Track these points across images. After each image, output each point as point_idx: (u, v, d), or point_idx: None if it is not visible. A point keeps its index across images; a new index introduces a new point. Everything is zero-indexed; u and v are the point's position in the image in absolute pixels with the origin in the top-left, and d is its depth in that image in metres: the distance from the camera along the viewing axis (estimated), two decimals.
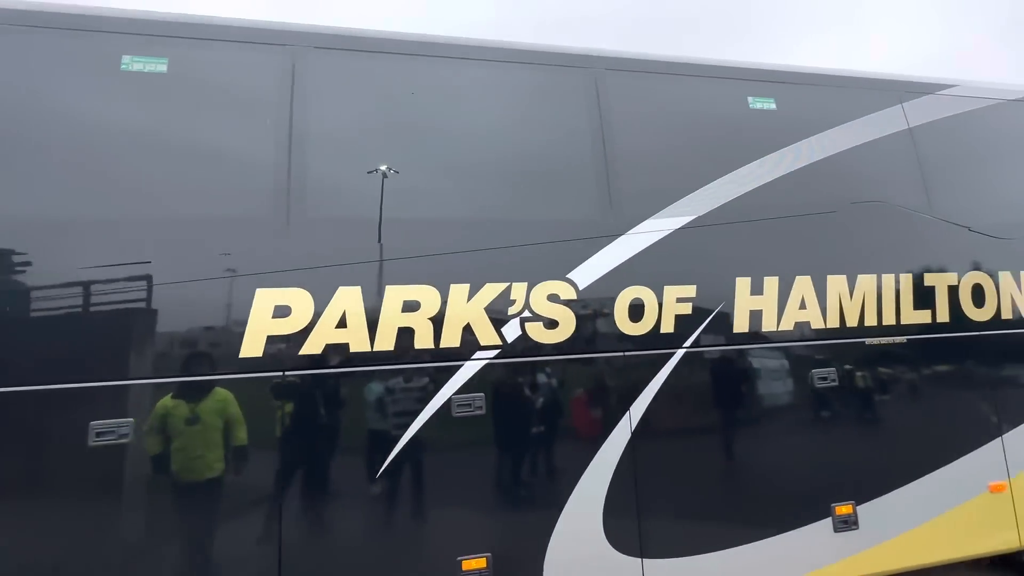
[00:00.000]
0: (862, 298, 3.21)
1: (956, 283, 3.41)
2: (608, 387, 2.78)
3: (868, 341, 3.17)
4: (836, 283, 3.18)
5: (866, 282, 3.24)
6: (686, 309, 2.92)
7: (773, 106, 3.41)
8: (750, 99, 3.38)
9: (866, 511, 2.97)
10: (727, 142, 3.28)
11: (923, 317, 3.30)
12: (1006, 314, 3.46)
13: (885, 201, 3.42)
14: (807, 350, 3.08)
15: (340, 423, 2.47)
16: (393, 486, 2.45)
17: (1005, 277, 3.52)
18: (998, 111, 3.91)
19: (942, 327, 3.32)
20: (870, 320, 3.20)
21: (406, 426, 2.47)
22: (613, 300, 2.83)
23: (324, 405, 2.46)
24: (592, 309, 2.81)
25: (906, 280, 3.32)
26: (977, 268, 3.48)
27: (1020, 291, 3.54)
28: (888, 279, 3.28)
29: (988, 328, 3.40)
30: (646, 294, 2.87)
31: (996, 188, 3.72)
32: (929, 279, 3.36)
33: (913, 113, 3.68)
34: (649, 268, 2.92)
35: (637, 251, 2.92)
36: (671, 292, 2.91)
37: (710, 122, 3.30)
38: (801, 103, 3.48)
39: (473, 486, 2.55)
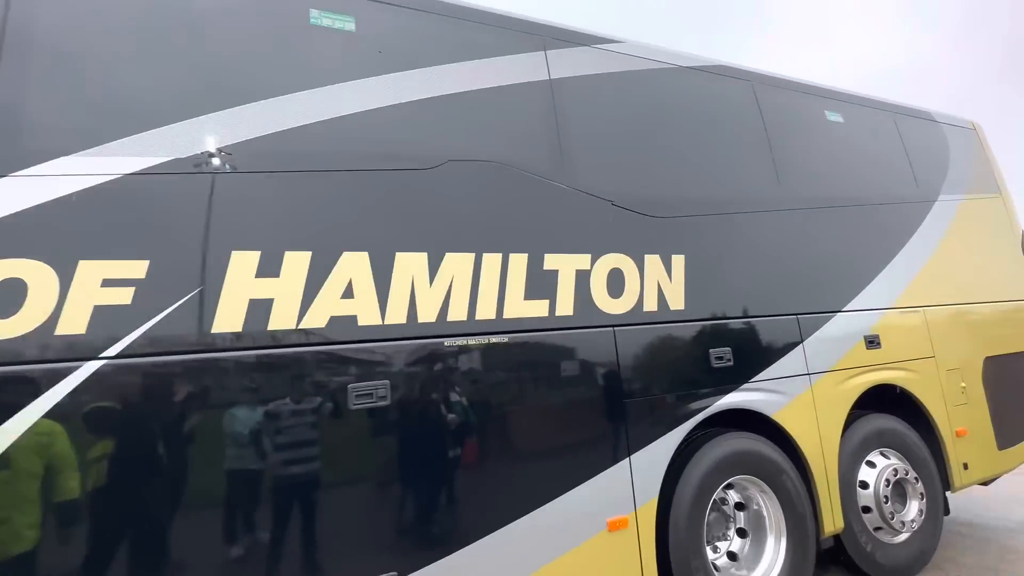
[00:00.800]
0: (449, 284, 2.39)
1: (588, 268, 2.75)
2: None
3: (449, 342, 2.34)
4: (410, 263, 2.33)
5: (458, 263, 2.43)
6: (121, 297, 1.85)
7: (351, 27, 2.53)
8: (312, 12, 2.46)
9: None
10: (257, 63, 2.31)
11: (537, 309, 2.57)
12: (650, 305, 2.87)
13: (502, 162, 2.68)
14: (347, 356, 2.16)
15: None
16: None
17: (653, 262, 2.95)
18: (667, 76, 3.43)
19: (563, 321, 2.62)
20: (457, 313, 2.38)
21: None
22: None
23: None
24: None
25: (518, 262, 2.57)
26: (619, 250, 2.86)
27: (671, 279, 2.99)
28: (492, 260, 2.51)
29: (625, 323, 2.78)
30: (37, 274, 1.76)
31: (653, 160, 3.19)
32: (551, 261, 2.66)
33: (559, 63, 3.02)
34: (53, 232, 1.81)
35: (30, 205, 1.81)
36: (92, 271, 1.82)
37: (228, 35, 2.30)
38: (396, 29, 2.64)
39: None
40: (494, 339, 2.43)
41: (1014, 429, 4.27)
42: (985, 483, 4.20)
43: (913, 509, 3.55)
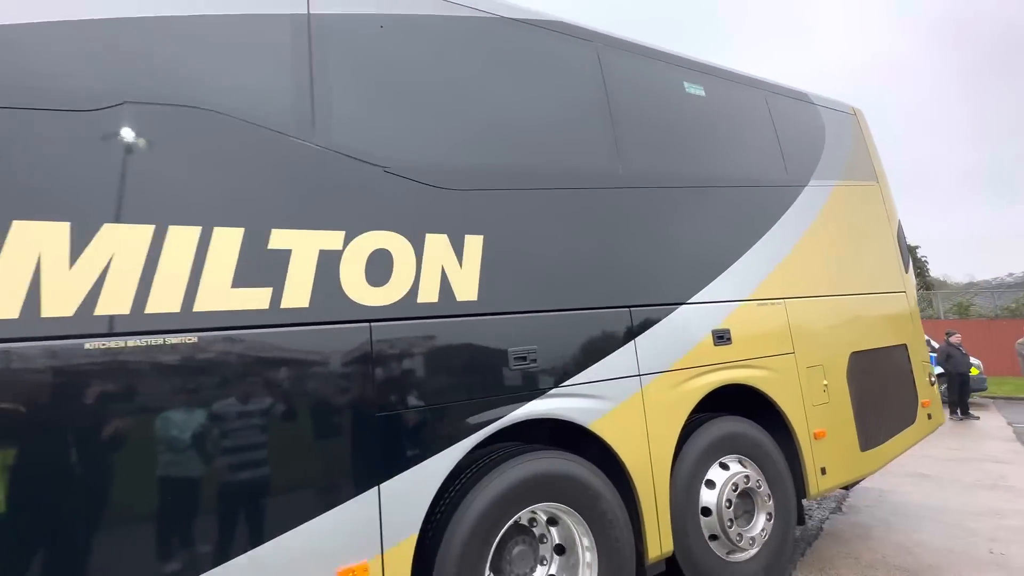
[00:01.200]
0: (105, 265, 1.76)
1: (339, 248, 2.19)
2: None
3: (92, 344, 1.72)
4: (36, 235, 1.68)
5: (123, 237, 1.80)
6: None
7: None
8: None
9: None
10: None
11: (253, 299, 1.97)
12: (427, 295, 2.34)
13: (214, 110, 2.07)
14: None
15: None
16: None
17: (437, 243, 2.42)
18: (484, 27, 2.91)
19: (292, 316, 2.04)
20: (115, 306, 1.75)
21: None
22: None
23: None
24: None
25: (228, 238, 1.96)
26: (388, 227, 2.31)
27: (461, 264, 2.47)
28: (183, 234, 1.89)
29: (388, 317, 2.23)
30: None
31: (452, 123, 2.66)
32: (281, 239, 2.07)
33: None
34: None
35: None
36: None
37: None
38: None
39: None
40: (174, 339, 1.82)
41: (879, 428, 4.04)
42: (846, 487, 3.95)
43: (760, 522, 3.21)
